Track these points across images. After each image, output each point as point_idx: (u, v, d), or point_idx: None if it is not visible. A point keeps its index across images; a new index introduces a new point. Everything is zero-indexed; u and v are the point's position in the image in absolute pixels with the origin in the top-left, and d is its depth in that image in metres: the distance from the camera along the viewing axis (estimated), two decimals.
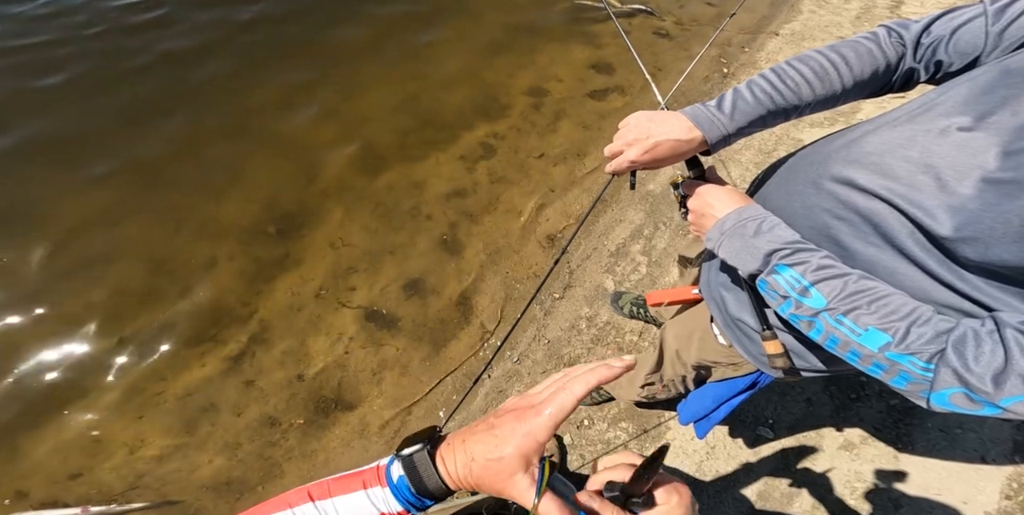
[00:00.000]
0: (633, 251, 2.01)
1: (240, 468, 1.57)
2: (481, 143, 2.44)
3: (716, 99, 0.68)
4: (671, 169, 2.32)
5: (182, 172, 2.18)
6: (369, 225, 2.09)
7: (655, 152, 0.67)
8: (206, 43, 2.70)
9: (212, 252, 1.94)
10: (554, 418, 0.37)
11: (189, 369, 1.71)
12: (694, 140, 0.66)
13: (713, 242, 0.65)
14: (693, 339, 0.94)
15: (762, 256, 0.57)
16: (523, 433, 0.36)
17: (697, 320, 0.94)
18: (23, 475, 1.52)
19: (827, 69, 0.66)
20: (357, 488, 0.39)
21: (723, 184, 0.72)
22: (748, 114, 0.66)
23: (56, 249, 1.94)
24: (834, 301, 0.51)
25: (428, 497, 0.38)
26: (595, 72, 2.82)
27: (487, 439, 0.37)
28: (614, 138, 0.72)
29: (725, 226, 0.63)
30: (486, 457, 0.37)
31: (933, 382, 0.45)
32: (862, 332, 0.49)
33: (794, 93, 0.66)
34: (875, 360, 0.49)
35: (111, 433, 1.60)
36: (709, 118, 0.66)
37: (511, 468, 0.36)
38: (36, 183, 2.13)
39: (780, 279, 0.55)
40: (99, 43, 2.67)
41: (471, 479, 0.38)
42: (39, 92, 2.43)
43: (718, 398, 0.94)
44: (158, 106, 2.40)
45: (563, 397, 0.37)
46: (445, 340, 1.82)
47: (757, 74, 0.69)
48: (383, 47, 2.80)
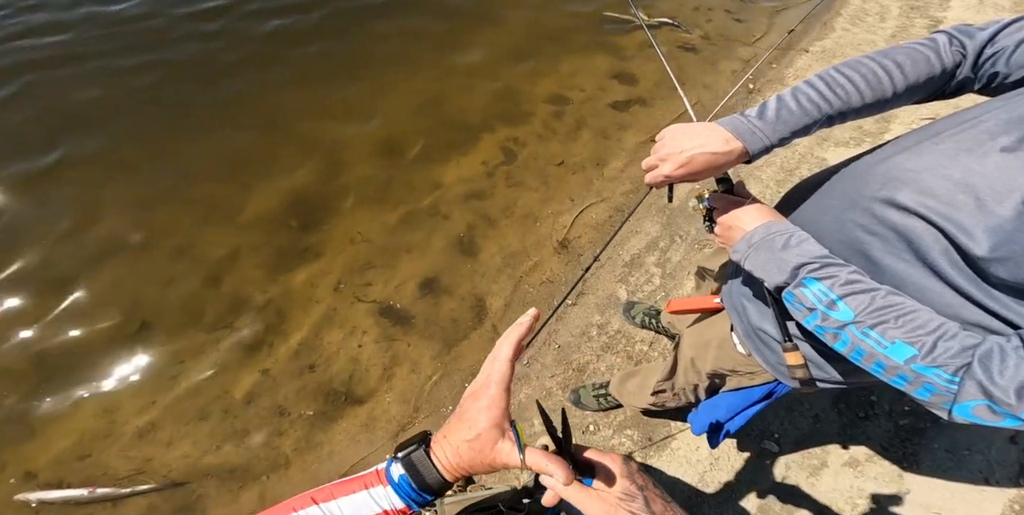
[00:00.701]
0: (648, 262, 2.03)
1: (246, 457, 1.59)
2: (501, 147, 2.47)
3: (756, 108, 0.66)
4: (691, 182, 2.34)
5: (212, 163, 2.24)
6: (388, 222, 2.13)
7: (690, 166, 0.66)
8: (245, 46, 2.78)
9: (236, 242, 1.98)
10: (501, 384, 0.42)
11: (206, 355, 1.74)
12: (732, 152, 0.64)
13: (740, 254, 0.66)
14: (710, 347, 0.95)
15: (790, 269, 0.59)
16: (485, 407, 0.41)
17: (716, 329, 0.95)
18: (34, 455, 1.55)
19: (880, 77, 0.63)
20: (359, 489, 0.42)
21: (751, 199, 0.73)
22: (792, 124, 0.64)
23: (84, 230, 1.99)
24: (861, 314, 0.53)
25: (428, 492, 0.42)
26: (617, 83, 2.85)
27: (461, 427, 0.42)
28: (651, 151, 0.71)
29: (753, 239, 0.65)
30: (466, 440, 0.41)
31: (957, 394, 0.47)
32: (889, 345, 0.51)
33: (843, 101, 0.64)
34: (900, 372, 0.51)
35: (124, 416, 1.63)
36: (750, 129, 0.64)
37: (491, 439, 0.40)
38: (76, 165, 2.19)
39: (807, 292, 0.57)
40: (155, 45, 2.76)
41: (463, 464, 0.41)
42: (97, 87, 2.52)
43: (732, 408, 0.95)
44: (196, 101, 2.48)
45: (497, 364, 0.43)
46: (456, 340, 1.85)
47: (802, 81, 0.66)
48: (410, 51, 2.86)
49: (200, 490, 1.52)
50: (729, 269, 0.95)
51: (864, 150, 0.72)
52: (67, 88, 2.50)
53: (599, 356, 1.79)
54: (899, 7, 3.55)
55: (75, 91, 2.48)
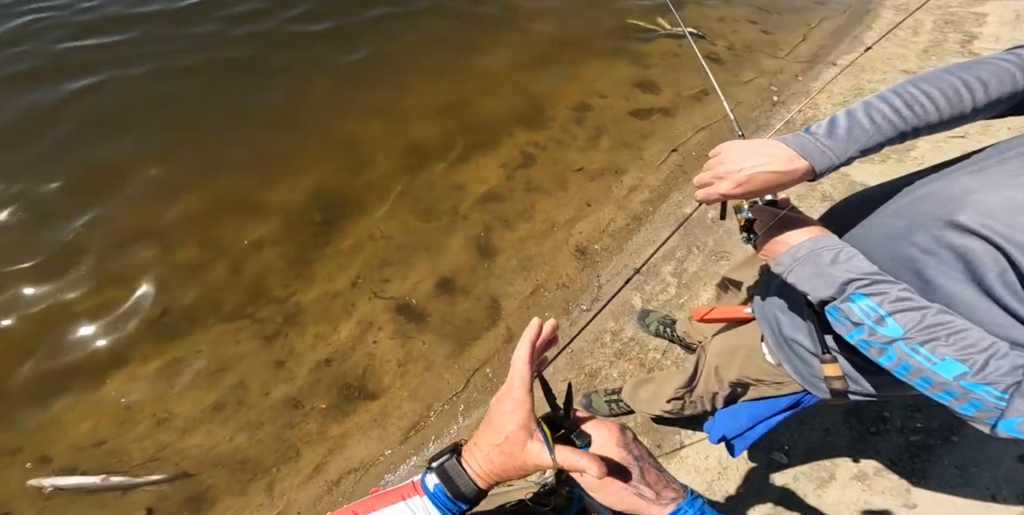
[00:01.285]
0: (664, 272, 2.04)
1: (257, 448, 1.61)
2: (521, 152, 2.49)
3: (824, 125, 0.63)
4: None
5: (242, 156, 2.28)
6: (408, 220, 2.15)
7: (749, 185, 0.63)
8: (275, 43, 2.84)
9: (260, 234, 2.01)
10: (522, 386, 0.43)
11: (224, 345, 1.77)
12: (796, 171, 0.62)
13: (783, 267, 0.66)
14: (737, 356, 0.95)
15: (838, 284, 0.59)
16: (510, 410, 0.42)
17: (744, 338, 0.96)
18: (52, 439, 1.57)
19: (961, 93, 0.61)
20: (397, 500, 0.43)
21: (797, 212, 0.73)
22: (863, 142, 0.61)
23: (114, 215, 2.03)
24: (912, 331, 0.54)
25: (463, 500, 0.42)
26: (640, 91, 2.87)
27: (489, 431, 0.43)
28: (704, 167, 0.70)
29: (799, 253, 0.65)
30: (495, 444, 0.41)
31: (1005, 410, 0.49)
32: (938, 361, 0.52)
33: (919, 118, 0.61)
34: (947, 388, 0.52)
35: (142, 403, 1.65)
36: (818, 148, 0.62)
37: (519, 440, 0.41)
38: (109, 150, 2.24)
39: (855, 307, 0.58)
40: (202, 39, 2.82)
41: (496, 470, 0.42)
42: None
43: (755, 417, 0.96)
44: (229, 97, 2.53)
45: (515, 366, 0.44)
46: (471, 339, 1.86)
47: (873, 97, 0.64)
48: (436, 53, 2.89)
49: (210, 481, 1.54)
50: (762, 280, 0.96)
51: (910, 167, 0.72)
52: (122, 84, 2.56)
53: (612, 362, 1.80)
54: (933, 22, 3.52)
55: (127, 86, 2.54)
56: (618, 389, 1.61)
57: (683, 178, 2.47)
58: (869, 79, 3.02)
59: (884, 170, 2.44)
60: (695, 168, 2.49)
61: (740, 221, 0.77)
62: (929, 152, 2.51)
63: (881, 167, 2.46)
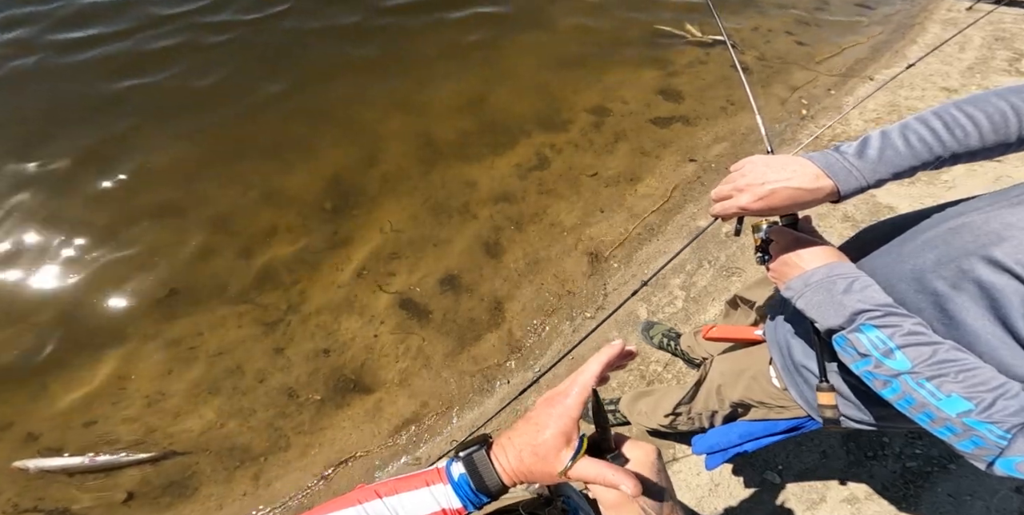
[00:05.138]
0: (672, 284, 1.99)
1: (248, 435, 1.60)
2: (537, 153, 2.47)
3: (855, 145, 0.61)
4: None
5: (264, 142, 2.30)
6: (418, 215, 2.14)
7: (770, 200, 0.61)
8: (307, 32, 2.87)
9: (273, 219, 2.03)
10: (580, 395, 0.42)
11: (226, 328, 1.78)
12: (820, 190, 0.59)
13: (794, 292, 0.64)
14: (742, 378, 0.93)
15: (848, 314, 0.57)
16: (557, 415, 0.41)
17: (751, 360, 0.93)
18: (42, 417, 1.57)
19: (1008, 118, 0.57)
20: (421, 486, 0.42)
21: (818, 237, 0.70)
22: (897, 165, 0.59)
23: (133, 192, 2.06)
24: (919, 366, 0.53)
25: (486, 493, 0.42)
26: (662, 99, 2.82)
27: (528, 429, 0.42)
28: (724, 180, 0.68)
29: (812, 279, 0.63)
30: (531, 444, 0.41)
31: (1005, 449, 0.48)
32: (944, 397, 0.51)
33: (960, 143, 0.58)
34: (949, 424, 0.51)
35: (137, 384, 1.66)
36: (846, 168, 0.59)
37: (556, 446, 0.40)
38: (134, 128, 2.27)
39: (863, 338, 0.56)
40: (234, 25, 2.87)
41: (524, 469, 0.41)
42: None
43: (747, 435, 0.94)
44: (254, 84, 2.56)
45: (582, 377, 0.43)
46: (471, 339, 1.84)
47: (912, 117, 0.61)
48: (459, 51, 2.88)
49: (196, 466, 1.53)
50: (776, 303, 0.93)
51: (940, 190, 0.68)
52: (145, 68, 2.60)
53: (612, 372, 1.76)
54: (982, 38, 3.38)
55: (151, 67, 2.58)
56: (616, 399, 1.58)
57: (700, 189, 2.42)
58: (907, 96, 2.92)
59: (912, 192, 2.36)
60: (713, 180, 2.44)
61: (757, 241, 0.75)
62: (961, 176, 2.42)
63: (909, 189, 2.38)
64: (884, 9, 3.96)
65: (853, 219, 2.24)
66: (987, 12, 2.91)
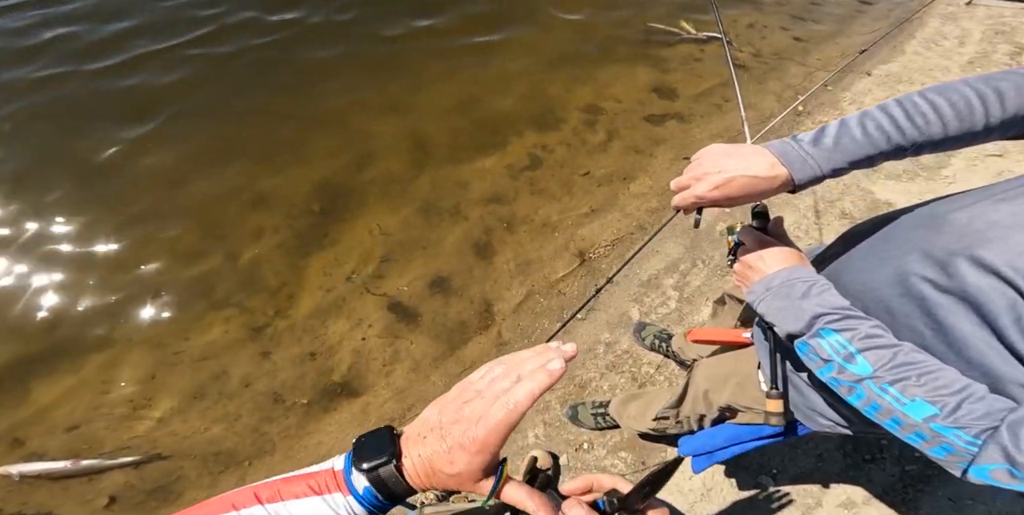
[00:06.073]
0: (665, 285, 1.96)
1: (233, 440, 1.58)
2: (528, 153, 2.44)
3: (812, 133, 0.60)
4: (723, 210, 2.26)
5: (254, 143, 2.29)
6: (408, 218, 2.12)
7: (726, 188, 0.60)
8: (299, 33, 2.87)
9: (261, 222, 2.01)
10: (501, 434, 0.36)
11: (211, 332, 1.76)
12: (776, 178, 0.59)
13: (755, 296, 0.64)
14: (729, 383, 0.91)
15: (807, 318, 0.56)
16: (474, 451, 0.36)
17: (738, 364, 0.91)
18: (26, 422, 1.56)
19: (972, 106, 0.55)
20: (311, 493, 0.38)
21: (786, 240, 0.68)
22: (852, 153, 0.57)
23: (121, 194, 2.05)
24: (881, 370, 0.51)
25: (394, 501, 0.39)
26: (656, 96, 2.79)
27: (441, 454, 0.37)
28: (684, 171, 0.66)
29: (772, 283, 0.62)
30: (445, 472, 0.37)
31: (977, 456, 0.46)
32: (908, 402, 0.49)
33: (920, 131, 0.56)
34: (918, 430, 0.49)
35: (120, 388, 1.64)
36: (800, 156, 0.58)
37: (472, 479, 0.37)
38: (124, 129, 2.26)
39: (824, 343, 0.55)
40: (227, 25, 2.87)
41: (436, 485, 0.39)
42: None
43: (732, 438, 0.92)
44: (244, 84, 2.56)
45: (507, 413, 0.36)
46: (461, 342, 1.82)
47: (875, 106, 0.59)
48: (451, 50, 2.87)
49: (180, 471, 1.51)
50: None
51: (940, 186, 0.66)
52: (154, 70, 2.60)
53: (603, 374, 1.73)
54: (982, 32, 3.33)
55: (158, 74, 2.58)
56: (606, 402, 1.55)
57: None
58: (905, 90, 2.85)
59: (911, 188, 2.31)
60: None
61: (729, 243, 0.74)
62: (962, 170, 2.37)
63: (908, 185, 2.33)
64: (883, 4, 3.92)
65: (851, 216, 2.19)
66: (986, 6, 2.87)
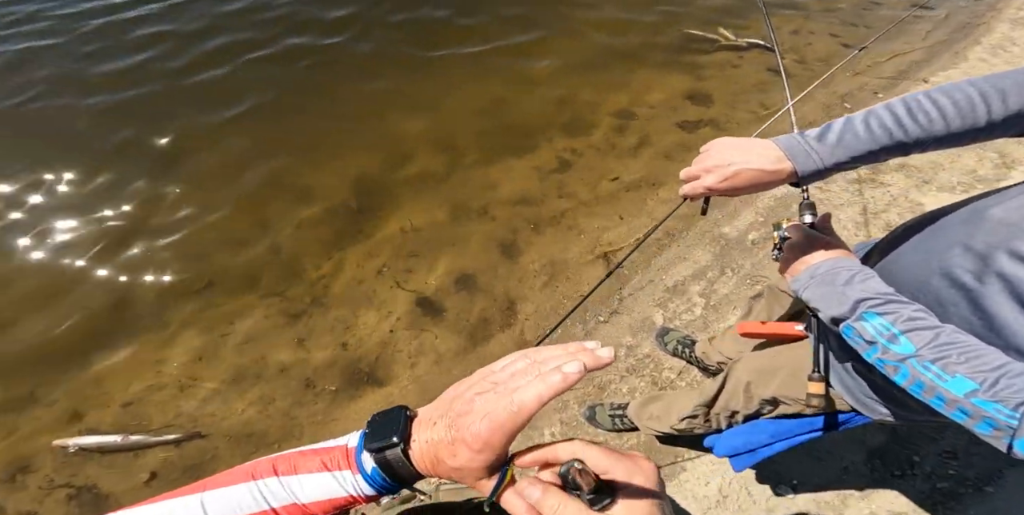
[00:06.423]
0: (691, 291, 1.94)
1: (265, 423, 1.67)
2: (557, 157, 2.48)
3: (819, 129, 0.63)
4: (753, 214, 2.22)
5: (300, 140, 2.45)
6: (437, 216, 2.20)
7: (734, 180, 0.64)
8: (327, 44, 3.03)
9: (302, 215, 2.15)
10: (506, 436, 0.34)
11: (254, 318, 1.88)
12: (780, 172, 0.62)
13: (800, 283, 0.68)
14: (777, 375, 0.92)
15: (851, 303, 0.60)
16: (477, 450, 0.34)
17: (788, 357, 0.92)
18: (86, 396, 1.70)
19: (974, 103, 0.58)
20: (323, 468, 0.38)
21: (833, 235, 0.72)
22: (854, 149, 0.60)
23: (175, 189, 2.24)
24: (923, 349, 0.54)
25: (402, 483, 0.38)
26: (690, 103, 2.77)
27: (447, 446, 0.35)
28: (693, 162, 0.70)
29: (818, 271, 0.66)
30: (448, 465, 0.36)
31: (1017, 429, 0.47)
32: (949, 378, 0.52)
33: (922, 129, 0.59)
34: (959, 405, 0.52)
35: (171, 368, 1.77)
36: (804, 150, 0.62)
37: (473, 475, 0.35)
38: (180, 126, 2.48)
39: (867, 325, 0.59)
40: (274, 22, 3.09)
41: (441, 475, 0.37)
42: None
43: (779, 434, 0.92)
44: (286, 84, 2.74)
45: (514, 415, 0.33)
46: (483, 338, 1.86)
47: (880, 104, 0.62)
48: (484, 54, 2.95)
49: (215, 451, 1.60)
50: None
51: (979, 193, 0.67)
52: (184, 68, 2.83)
53: (623, 377, 1.73)
54: None
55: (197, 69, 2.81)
56: (625, 404, 1.55)
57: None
58: None
59: (957, 199, 2.19)
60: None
61: (775, 238, 0.79)
62: (1020, 173, 2.23)
63: (963, 197, 2.21)
64: (942, 8, 3.72)
65: None
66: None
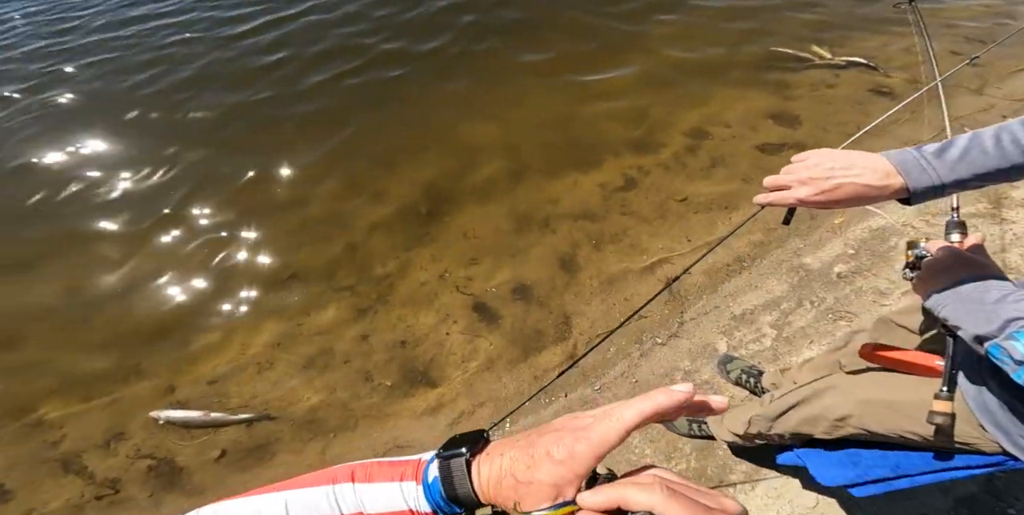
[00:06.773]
0: (761, 321, 1.81)
1: (325, 411, 1.77)
2: (623, 174, 2.45)
3: (939, 144, 0.59)
4: (842, 245, 2.04)
5: (378, 146, 2.68)
6: (501, 225, 2.26)
7: (833, 194, 0.60)
8: (412, 55, 3.30)
9: (376, 217, 2.32)
10: (594, 449, 0.32)
11: (327, 311, 2.04)
12: (888, 188, 0.59)
13: (941, 301, 0.65)
14: (893, 409, 0.84)
15: (1001, 321, 0.58)
16: (558, 460, 0.32)
17: (910, 393, 0.84)
18: (181, 371, 1.89)
19: None
20: (394, 479, 0.37)
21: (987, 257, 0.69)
22: (980, 165, 0.56)
23: (269, 189, 2.52)
24: None
25: (458, 504, 0.36)
26: (773, 123, 2.63)
27: (523, 458, 0.34)
28: (783, 170, 0.66)
29: (962, 289, 0.63)
30: (516, 478, 0.33)
31: None
32: None
33: None
34: None
35: (254, 352, 1.94)
36: (920, 165, 0.58)
37: (538, 496, 0.32)
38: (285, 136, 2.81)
39: (1018, 345, 0.56)
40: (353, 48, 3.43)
41: (499, 497, 0.34)
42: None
43: (904, 468, 0.85)
44: (372, 96, 3.01)
45: (608, 425, 0.32)
46: (535, 349, 1.87)
47: (1016, 120, 0.58)
48: (557, 69, 3.04)
49: (279, 434, 1.71)
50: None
51: None
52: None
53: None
54: None
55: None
56: None
57: (809, 223, 2.18)
58: None
59: None
60: (826, 214, 2.18)
61: (909, 257, 0.77)
62: None
63: None
64: None
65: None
66: None
